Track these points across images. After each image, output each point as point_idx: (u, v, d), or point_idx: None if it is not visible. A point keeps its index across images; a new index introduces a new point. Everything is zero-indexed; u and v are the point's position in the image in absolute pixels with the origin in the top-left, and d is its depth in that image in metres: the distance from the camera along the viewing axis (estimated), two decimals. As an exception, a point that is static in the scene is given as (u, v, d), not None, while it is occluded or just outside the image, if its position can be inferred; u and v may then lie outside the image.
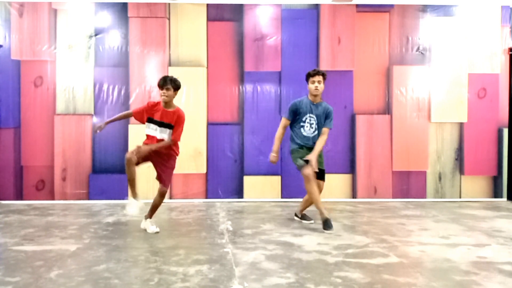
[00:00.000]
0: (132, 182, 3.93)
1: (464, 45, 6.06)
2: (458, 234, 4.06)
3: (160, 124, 3.99)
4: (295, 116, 4.36)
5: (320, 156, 4.31)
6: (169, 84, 3.94)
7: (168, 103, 4.00)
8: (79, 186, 5.80)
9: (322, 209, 4.16)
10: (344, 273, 2.90)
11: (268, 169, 5.91)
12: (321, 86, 4.28)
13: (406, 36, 6.04)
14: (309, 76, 4.31)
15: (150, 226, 4.10)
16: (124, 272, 2.93)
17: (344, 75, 5.99)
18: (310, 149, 4.28)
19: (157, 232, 4.03)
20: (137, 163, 3.95)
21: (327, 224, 4.10)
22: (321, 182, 4.34)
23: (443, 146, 6.05)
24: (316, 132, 4.33)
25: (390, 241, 3.77)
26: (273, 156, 4.39)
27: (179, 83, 4.04)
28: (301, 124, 4.33)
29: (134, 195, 3.95)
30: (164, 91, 3.95)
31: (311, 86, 4.29)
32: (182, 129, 4.04)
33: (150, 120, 4.03)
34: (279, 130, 4.44)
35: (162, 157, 4.05)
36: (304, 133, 4.32)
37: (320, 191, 4.31)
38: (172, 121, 3.99)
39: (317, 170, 4.16)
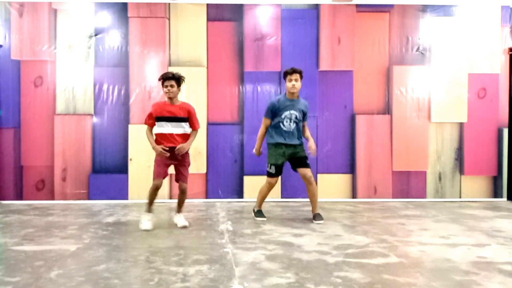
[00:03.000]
0: (153, 200, 4.21)
1: (464, 45, 6.06)
2: (458, 234, 4.06)
3: (172, 120, 4.15)
4: (274, 115, 4.52)
5: (300, 145, 4.54)
6: (173, 80, 4.13)
7: (173, 99, 4.19)
8: (79, 186, 5.80)
9: (259, 204, 4.72)
10: (344, 273, 2.90)
11: (268, 169, 5.90)
12: (298, 84, 4.46)
13: (406, 36, 6.04)
14: (286, 74, 4.49)
15: (180, 220, 4.30)
16: (124, 272, 2.93)
17: (344, 75, 5.99)
18: (288, 146, 4.47)
19: (185, 226, 4.23)
20: (164, 176, 4.19)
21: (259, 213, 4.67)
22: (306, 169, 4.48)
23: (443, 146, 6.05)
24: (295, 125, 4.50)
25: (390, 241, 3.77)
26: (256, 152, 4.67)
27: (183, 78, 4.24)
28: (281, 120, 4.47)
29: (150, 210, 4.24)
30: (169, 88, 4.13)
31: (289, 84, 4.46)
32: (196, 118, 4.28)
33: (160, 119, 4.17)
34: (262, 129, 4.62)
35: (182, 157, 4.22)
36: (285, 129, 4.48)
37: (309, 178, 4.47)
38: (182, 114, 4.17)
39: (314, 155, 4.56)
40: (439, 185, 6.05)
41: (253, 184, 5.90)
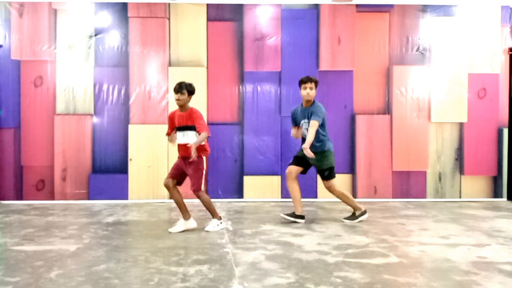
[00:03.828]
0: (179, 205, 4.15)
1: (464, 45, 6.06)
2: (458, 234, 4.06)
3: (181, 129, 4.12)
4: (297, 122, 4.60)
5: (317, 153, 4.37)
6: (184, 89, 4.08)
7: (183, 107, 4.13)
8: (79, 186, 5.80)
9: (298, 207, 4.48)
10: (344, 273, 2.90)
11: (268, 169, 5.91)
12: (312, 92, 4.46)
13: (406, 36, 6.04)
14: (301, 82, 4.50)
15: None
16: (124, 272, 2.93)
17: (344, 75, 5.99)
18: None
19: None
20: (178, 182, 4.19)
21: (298, 217, 4.45)
22: (324, 182, 4.52)
23: (443, 146, 6.05)
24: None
25: (390, 241, 3.77)
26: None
27: (194, 88, 4.18)
28: (302, 129, 4.58)
29: (185, 216, 4.15)
30: (179, 95, 4.08)
31: (303, 92, 4.48)
32: (203, 122, 4.12)
33: (175, 128, 4.20)
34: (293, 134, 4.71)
35: (191, 163, 4.11)
36: (305, 137, 4.52)
37: (331, 191, 4.54)
38: (190, 122, 4.10)
39: (311, 156, 4.24)
40: (439, 185, 6.05)
41: (253, 184, 5.91)
